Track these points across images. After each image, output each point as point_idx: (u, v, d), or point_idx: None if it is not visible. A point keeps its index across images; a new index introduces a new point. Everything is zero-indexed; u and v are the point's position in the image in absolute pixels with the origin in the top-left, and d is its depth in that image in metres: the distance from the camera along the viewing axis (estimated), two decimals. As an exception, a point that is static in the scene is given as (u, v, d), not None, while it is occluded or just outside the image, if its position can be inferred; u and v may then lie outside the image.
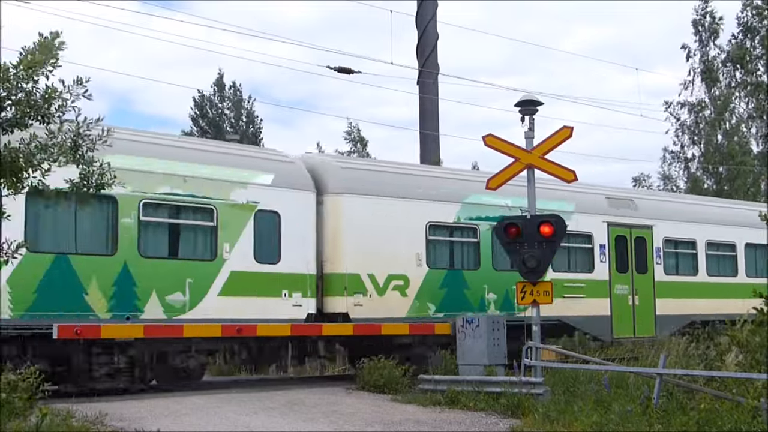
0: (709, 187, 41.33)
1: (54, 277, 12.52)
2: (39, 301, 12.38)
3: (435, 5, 25.18)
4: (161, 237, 13.82)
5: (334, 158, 17.68)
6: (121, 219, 13.15)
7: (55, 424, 9.25)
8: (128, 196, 13.11)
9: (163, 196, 13.73)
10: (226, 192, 14.35)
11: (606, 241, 19.24)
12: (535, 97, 14.86)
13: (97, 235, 13.14)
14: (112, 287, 13.02)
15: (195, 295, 13.78)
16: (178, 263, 13.81)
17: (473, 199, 17.18)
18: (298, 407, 12.38)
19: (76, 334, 12.46)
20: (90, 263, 12.85)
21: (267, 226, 14.69)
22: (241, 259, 14.32)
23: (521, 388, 12.74)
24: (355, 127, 43.03)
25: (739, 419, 9.46)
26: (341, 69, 23.77)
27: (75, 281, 12.70)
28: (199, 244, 14.17)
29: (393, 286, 15.88)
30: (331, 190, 15.59)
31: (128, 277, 13.15)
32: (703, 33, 42.24)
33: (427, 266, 16.26)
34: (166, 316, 13.48)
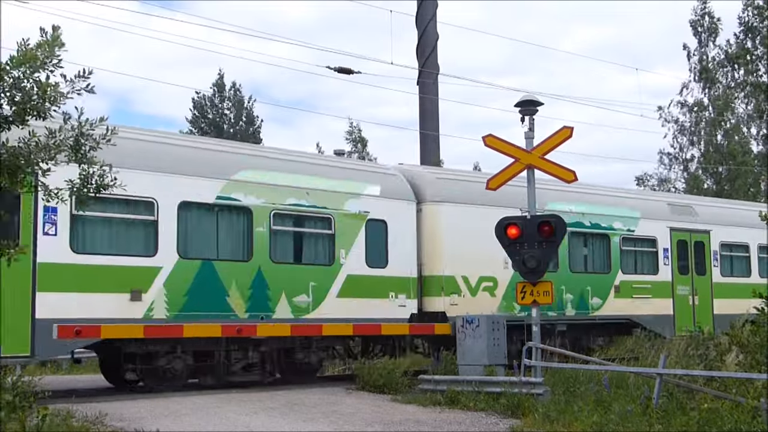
0: (709, 187, 41.33)
1: (201, 281, 13.84)
2: (189, 303, 13.67)
3: (435, 5, 25.15)
4: (288, 244, 15.26)
5: (429, 170, 19.03)
6: (255, 228, 14.57)
7: (55, 424, 9.24)
8: (261, 207, 14.66)
9: (290, 207, 15.15)
10: (342, 203, 15.78)
11: (669, 245, 20.81)
12: (535, 97, 14.85)
13: (235, 243, 14.54)
14: (249, 290, 14.37)
15: (317, 296, 15.17)
16: (303, 268, 15.23)
17: (553, 207, 18.39)
18: (298, 407, 12.38)
19: (75, 334, 12.50)
20: (230, 268, 14.23)
21: (376, 233, 16.11)
22: (355, 263, 15.74)
23: (521, 388, 12.74)
24: (356, 127, 43.12)
25: (739, 419, 9.47)
26: (341, 69, 23.75)
27: (218, 285, 14.04)
28: (319, 250, 15.59)
29: (483, 287, 17.26)
30: (429, 199, 16.98)
31: (262, 281, 14.53)
32: (702, 33, 42.23)
33: (512, 269, 16.60)
34: (294, 316, 14.82)
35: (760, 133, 41.90)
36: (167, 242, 13.44)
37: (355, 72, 23.89)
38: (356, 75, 23.96)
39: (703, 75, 41.59)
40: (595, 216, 19.57)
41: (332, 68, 23.71)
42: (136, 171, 12.90)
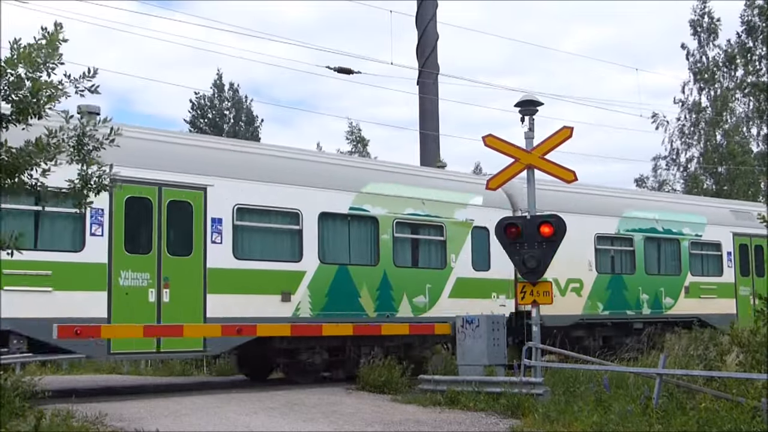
0: (708, 187, 41.35)
1: (338, 284, 15.57)
2: (329, 304, 15.41)
3: (435, 5, 25.15)
4: (407, 250, 16.99)
5: (520, 181, 19.87)
6: (381, 236, 16.30)
7: (55, 424, 9.25)
8: (386, 217, 16.40)
9: (409, 216, 16.86)
10: (451, 212, 17.46)
11: (732, 249, 22.51)
12: (535, 97, 14.84)
13: (364, 249, 16.24)
14: (377, 292, 16.05)
15: (433, 297, 16.83)
16: (420, 271, 16.92)
17: (630, 214, 20.39)
18: (298, 407, 12.37)
19: (75, 334, 12.54)
20: (361, 272, 15.93)
21: (480, 239, 17.73)
22: (463, 267, 17.39)
23: (521, 389, 12.73)
24: (356, 127, 43.14)
25: (739, 419, 9.46)
26: (341, 69, 23.74)
27: (352, 287, 15.75)
28: (433, 255, 17.29)
29: (571, 288, 18.83)
30: (521, 208, 18.07)
31: (387, 283, 16.19)
32: (702, 34, 42.23)
33: (596, 271, 19.30)
34: (413, 315, 16.50)
35: (760, 134, 41.94)
36: (310, 249, 15.26)
37: (355, 72, 23.88)
38: (356, 75, 23.95)
39: (701, 76, 41.58)
40: (666, 222, 21.21)
41: (332, 68, 23.69)
42: (284, 185, 15.00)
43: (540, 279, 13.95)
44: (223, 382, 17.18)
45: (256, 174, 14.87)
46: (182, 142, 15.28)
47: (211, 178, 14.19)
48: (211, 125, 44.90)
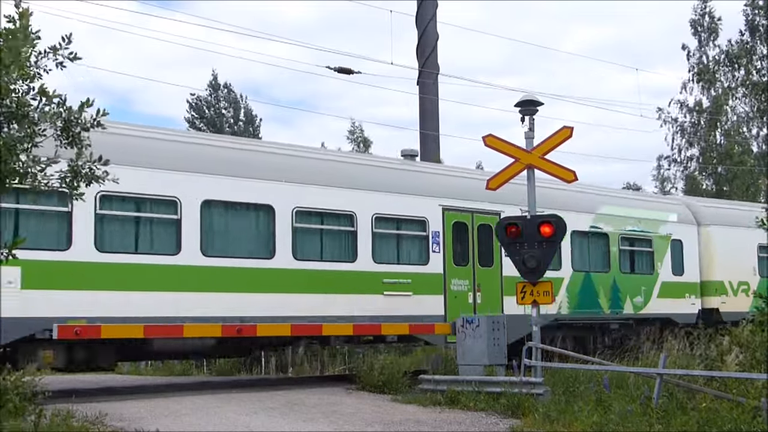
0: (708, 187, 41.36)
1: (584, 287, 19.31)
2: (579, 302, 19.14)
3: (435, 5, 25.17)
4: (628, 259, 20.60)
5: (700, 201, 24.82)
6: (611, 248, 20.10)
7: (55, 424, 9.24)
8: (613, 233, 20.14)
9: (629, 232, 20.56)
10: (657, 227, 21.23)
11: None
12: (535, 97, 14.85)
13: (600, 259, 19.92)
14: (609, 293, 19.75)
15: (646, 297, 20.55)
16: (637, 276, 20.48)
17: None
18: (298, 407, 12.37)
19: (75, 334, 12.49)
20: (598, 278, 19.65)
21: (676, 250, 21.55)
22: (666, 273, 21.16)
23: (521, 388, 12.73)
24: (359, 127, 43.17)
25: (739, 419, 9.46)
26: (341, 69, 23.75)
27: (593, 290, 19.49)
28: (645, 263, 20.90)
29: (741, 290, 22.44)
30: (703, 223, 22.40)
31: (616, 286, 19.90)
32: (702, 33, 42.23)
33: (759, 276, 22.83)
34: (633, 312, 20.22)
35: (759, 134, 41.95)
36: (567, 260, 18.92)
37: (355, 72, 23.90)
38: (356, 75, 23.97)
39: (702, 76, 41.58)
40: None
41: (332, 68, 23.71)
42: (552, 209, 16.55)
43: (540, 279, 13.94)
44: (223, 382, 17.17)
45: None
46: None
47: None
48: (209, 125, 44.87)
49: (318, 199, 15.05)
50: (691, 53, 42.21)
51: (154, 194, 13.29)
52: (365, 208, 15.60)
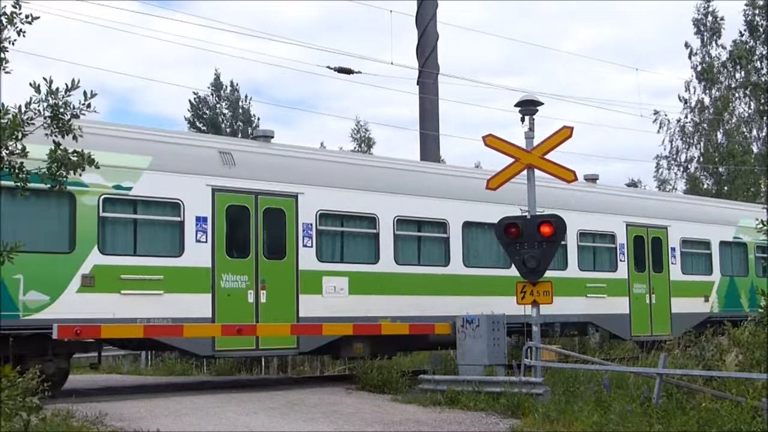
0: (709, 187, 41.37)
1: (730, 290, 22.42)
2: (727, 302, 22.22)
3: (435, 5, 25.18)
4: (760, 264, 23.52)
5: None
6: (749, 255, 23.13)
7: (56, 424, 9.24)
8: (750, 242, 22.91)
9: (761, 241, 21.22)
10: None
11: None
12: (535, 97, 14.84)
13: (741, 265, 22.94)
14: (748, 294, 22.38)
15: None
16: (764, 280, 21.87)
17: None
18: (298, 407, 12.37)
19: (75, 334, 12.51)
20: (739, 282, 22.68)
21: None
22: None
23: (521, 388, 12.72)
24: (363, 127, 43.32)
25: (739, 419, 9.46)
26: (341, 69, 23.76)
27: (736, 292, 22.57)
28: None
29: None
30: None
31: (752, 289, 21.45)
32: (705, 33, 42.22)
33: None
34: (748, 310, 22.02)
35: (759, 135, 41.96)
36: (716, 267, 22.28)
37: (355, 72, 23.90)
38: (356, 75, 23.97)
39: (705, 75, 41.59)
40: None
41: (332, 68, 23.71)
42: (700, 224, 22.04)
43: (540, 279, 13.94)
44: (223, 382, 17.17)
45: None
46: None
47: None
48: (208, 125, 44.86)
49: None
50: (693, 53, 42.21)
51: (428, 217, 16.81)
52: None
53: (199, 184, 13.80)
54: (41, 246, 12.13)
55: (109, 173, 12.65)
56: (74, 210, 12.61)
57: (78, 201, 12.63)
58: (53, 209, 12.45)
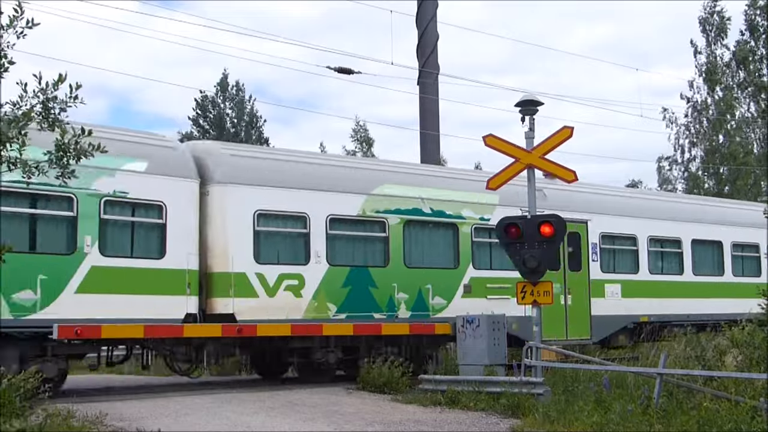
0: (710, 187, 41.37)
1: None
2: None
3: (435, 5, 25.14)
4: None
5: None
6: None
7: (56, 424, 9.24)
8: None
9: None
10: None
11: None
12: (535, 97, 14.85)
13: None
14: None
15: None
16: None
17: None
18: (298, 407, 12.38)
19: (75, 334, 12.57)
20: None
21: None
22: None
23: (521, 388, 12.73)
24: (363, 127, 43.34)
25: (739, 419, 9.46)
26: (341, 69, 23.74)
27: None
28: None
29: None
30: None
31: None
32: (710, 32, 42.17)
33: None
34: None
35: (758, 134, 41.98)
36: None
37: (355, 72, 23.88)
38: (357, 75, 23.96)
39: (710, 75, 41.57)
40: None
41: (332, 68, 23.69)
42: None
43: (540, 279, 13.94)
44: (223, 382, 17.17)
45: None
46: None
47: None
48: (213, 125, 44.91)
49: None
50: (698, 51, 42.18)
51: (668, 236, 21.05)
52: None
53: None
54: (443, 263, 17.04)
55: (477, 209, 17.68)
56: (457, 236, 17.25)
57: (459, 230, 17.32)
58: (441, 234, 17.27)
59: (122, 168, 13.42)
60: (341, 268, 15.36)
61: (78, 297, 12.78)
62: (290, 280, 14.89)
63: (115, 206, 13.36)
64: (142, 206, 13.69)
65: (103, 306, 12.95)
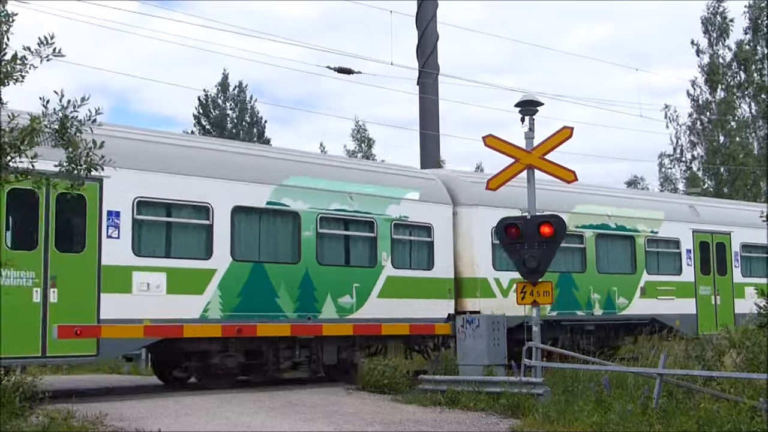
0: (709, 187, 41.37)
1: None
2: None
3: (435, 5, 25.15)
4: None
5: None
6: None
7: (56, 424, 9.25)
8: None
9: None
10: None
11: None
12: (535, 97, 14.84)
13: None
14: None
15: None
16: None
17: None
18: (298, 407, 12.38)
19: (75, 334, 12.60)
20: None
21: None
22: None
23: (521, 389, 12.73)
24: (362, 127, 43.31)
25: (739, 419, 9.47)
26: (341, 69, 23.73)
27: None
28: None
29: None
30: None
31: None
32: (713, 33, 42.16)
33: None
34: None
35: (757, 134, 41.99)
36: None
37: (355, 72, 23.88)
38: (356, 75, 23.96)
39: (711, 77, 41.56)
40: None
41: (332, 68, 23.70)
42: None
43: (540, 279, 13.94)
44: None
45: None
46: None
47: None
48: (214, 125, 44.86)
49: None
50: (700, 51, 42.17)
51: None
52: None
53: (686, 228, 21.57)
54: (624, 270, 20.00)
55: (648, 223, 20.71)
56: (634, 246, 20.34)
57: (636, 241, 20.37)
58: (622, 245, 20.24)
59: (404, 197, 16.92)
60: (552, 273, 16.62)
61: (378, 301, 16.07)
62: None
63: (400, 228, 16.75)
64: (417, 227, 17.06)
65: (391, 308, 16.21)
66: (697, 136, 42.34)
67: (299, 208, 15.08)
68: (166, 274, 13.56)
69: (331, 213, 15.49)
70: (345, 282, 15.53)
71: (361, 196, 16.09)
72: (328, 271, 15.29)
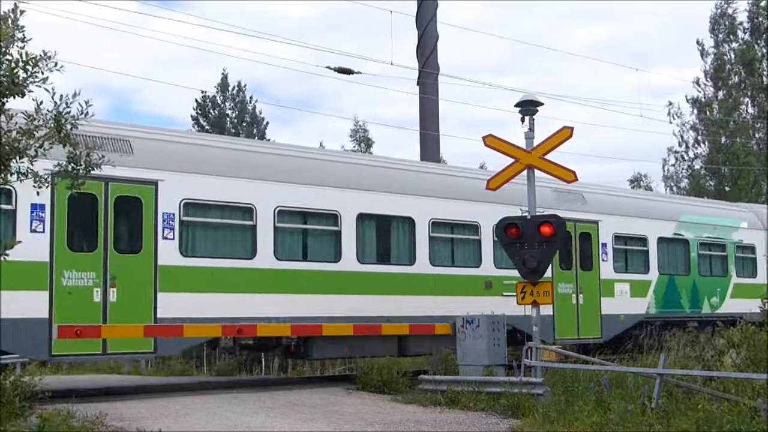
0: (711, 187, 41.37)
1: None
2: None
3: (435, 5, 25.13)
4: None
5: None
6: None
7: (56, 424, 9.25)
8: None
9: None
10: None
11: None
12: (535, 97, 14.84)
13: None
14: None
15: None
16: None
17: None
18: (298, 407, 12.38)
19: (75, 334, 12.62)
20: None
21: None
22: None
23: (521, 389, 12.73)
24: (361, 127, 43.27)
25: (739, 419, 9.47)
26: (341, 69, 23.72)
27: None
28: None
29: None
30: None
31: None
32: (719, 33, 42.15)
33: None
34: None
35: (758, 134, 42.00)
36: None
37: (355, 72, 23.87)
38: (356, 75, 23.95)
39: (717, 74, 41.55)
40: None
41: (332, 68, 23.69)
42: None
43: (540, 279, 13.94)
44: (223, 382, 17.19)
45: None
46: None
47: None
48: (213, 125, 44.82)
49: None
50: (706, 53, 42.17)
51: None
52: None
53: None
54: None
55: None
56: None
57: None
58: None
59: (739, 226, 23.46)
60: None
61: (731, 301, 22.49)
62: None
63: (739, 248, 23.40)
64: (746, 247, 23.65)
65: (736, 305, 22.12)
66: (704, 133, 42.35)
67: (689, 237, 22.03)
68: None
69: (704, 239, 22.41)
70: (707, 287, 22.23)
71: (719, 227, 22.92)
72: (704, 281, 22.22)
